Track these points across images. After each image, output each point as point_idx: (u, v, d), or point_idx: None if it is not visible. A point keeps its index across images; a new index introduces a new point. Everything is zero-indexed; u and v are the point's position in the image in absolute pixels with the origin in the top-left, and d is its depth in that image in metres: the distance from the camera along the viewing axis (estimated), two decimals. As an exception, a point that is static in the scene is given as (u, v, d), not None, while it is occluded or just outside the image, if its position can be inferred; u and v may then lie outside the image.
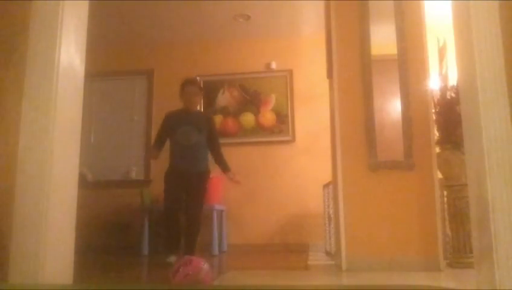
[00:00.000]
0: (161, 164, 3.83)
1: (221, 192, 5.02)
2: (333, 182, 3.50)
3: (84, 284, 2.14)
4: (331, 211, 3.93)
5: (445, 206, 3.39)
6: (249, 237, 5.24)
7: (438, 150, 3.28)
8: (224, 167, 3.73)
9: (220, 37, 5.69)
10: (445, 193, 3.40)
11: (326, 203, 4.41)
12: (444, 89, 3.51)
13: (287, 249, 5.13)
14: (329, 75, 3.54)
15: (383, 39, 3.28)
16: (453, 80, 3.42)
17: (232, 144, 5.34)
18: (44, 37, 1.94)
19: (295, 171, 5.34)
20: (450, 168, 3.31)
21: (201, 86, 3.69)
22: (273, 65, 5.65)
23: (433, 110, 3.29)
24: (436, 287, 2.17)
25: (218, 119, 5.47)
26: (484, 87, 1.68)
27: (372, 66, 3.18)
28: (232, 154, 4.54)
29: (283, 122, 5.51)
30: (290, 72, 5.60)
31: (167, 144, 3.76)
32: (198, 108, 3.71)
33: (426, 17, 3.23)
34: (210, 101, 5.60)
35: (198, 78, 3.49)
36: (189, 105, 3.66)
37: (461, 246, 3.19)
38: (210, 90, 5.59)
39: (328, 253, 4.27)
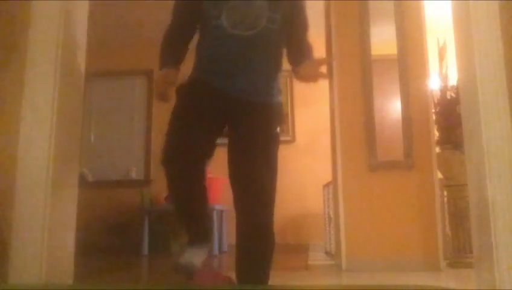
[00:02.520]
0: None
1: (221, 192, 5.01)
2: (333, 182, 3.50)
3: (84, 284, 2.14)
4: (331, 211, 3.93)
5: (445, 206, 3.39)
6: (249, 237, 5.23)
7: (438, 150, 3.28)
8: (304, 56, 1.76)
9: (220, 37, 5.68)
10: (445, 193, 3.39)
11: (326, 203, 4.40)
12: (444, 89, 3.51)
13: (287, 249, 5.12)
14: (329, 75, 3.53)
15: (383, 39, 3.28)
16: (453, 80, 3.41)
17: (232, 144, 5.33)
18: (44, 37, 1.94)
19: (295, 171, 5.33)
20: (450, 168, 3.31)
21: None
22: (273, 65, 5.63)
23: (433, 110, 3.29)
24: (436, 287, 2.16)
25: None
26: (484, 87, 1.67)
27: (372, 66, 3.18)
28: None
29: (283, 122, 5.49)
30: (290, 72, 5.58)
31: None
32: None
33: (426, 17, 3.23)
34: (210, 101, 5.60)
35: None
36: None
37: (461, 246, 3.19)
38: (210, 90, 5.58)
39: (328, 253, 4.26)
